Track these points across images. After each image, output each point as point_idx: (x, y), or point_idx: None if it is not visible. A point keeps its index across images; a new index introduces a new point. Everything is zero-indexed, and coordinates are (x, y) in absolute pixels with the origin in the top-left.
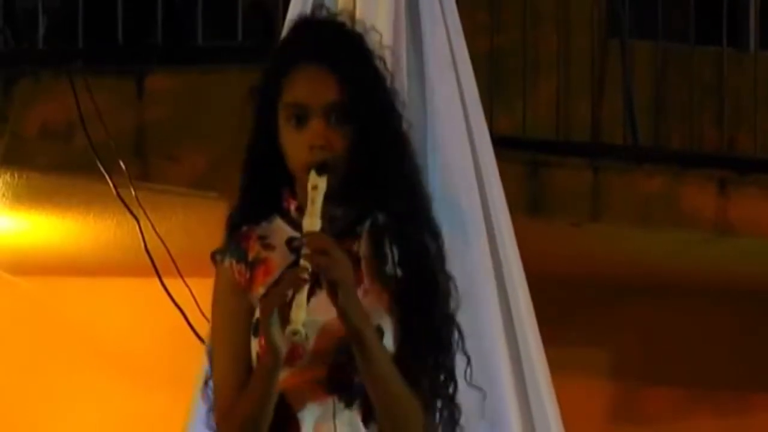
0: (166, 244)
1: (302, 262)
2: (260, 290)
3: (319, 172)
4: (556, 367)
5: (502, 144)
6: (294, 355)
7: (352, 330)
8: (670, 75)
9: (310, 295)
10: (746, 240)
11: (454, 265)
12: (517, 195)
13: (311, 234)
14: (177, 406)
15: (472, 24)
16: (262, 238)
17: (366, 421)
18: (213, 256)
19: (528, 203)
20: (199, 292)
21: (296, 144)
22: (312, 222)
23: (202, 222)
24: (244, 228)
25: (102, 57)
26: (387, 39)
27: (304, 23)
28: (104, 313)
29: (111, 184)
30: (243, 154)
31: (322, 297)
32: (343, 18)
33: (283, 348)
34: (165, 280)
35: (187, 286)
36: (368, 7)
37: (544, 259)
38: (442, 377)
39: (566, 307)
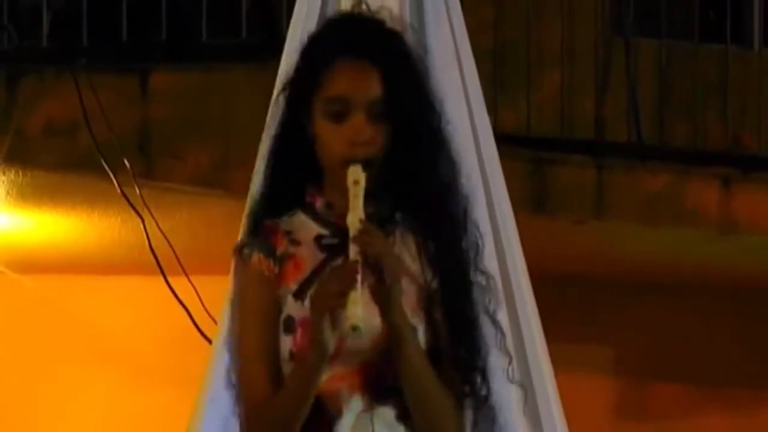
0: (171, 242)
1: (352, 255)
2: (291, 286)
3: (364, 168)
4: (559, 364)
5: (505, 141)
6: (332, 355)
7: (392, 323)
8: (674, 73)
9: None
10: (750, 237)
11: None
12: (521, 192)
13: (362, 226)
14: (181, 404)
15: (476, 20)
16: (288, 233)
17: (401, 420)
18: (239, 250)
19: (531, 201)
20: (203, 291)
21: (335, 139)
22: (355, 217)
23: (206, 220)
24: (268, 222)
25: (106, 55)
26: None
27: (344, 18)
28: (108, 312)
29: (115, 182)
30: (261, 149)
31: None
32: (383, 15)
33: (332, 347)
34: (169, 278)
35: (192, 284)
36: (373, 4)
37: (548, 257)
38: (474, 376)
39: (570, 304)
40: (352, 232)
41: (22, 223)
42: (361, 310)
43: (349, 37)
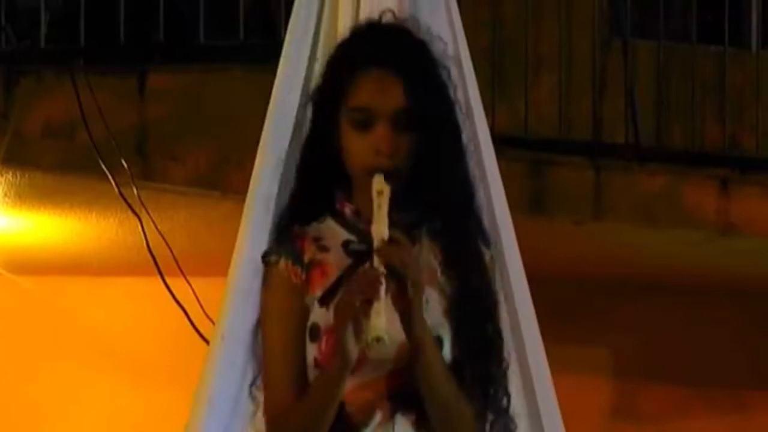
0: (169, 243)
1: (377, 266)
2: (317, 292)
3: (387, 179)
4: (556, 364)
5: (503, 143)
6: (357, 363)
7: (413, 334)
8: (672, 74)
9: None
10: (747, 239)
11: None
12: (519, 194)
13: (389, 236)
14: (178, 404)
15: (473, 21)
16: (316, 239)
17: (419, 427)
18: (265, 256)
19: (530, 202)
20: (201, 291)
21: (361, 148)
22: (380, 228)
23: (204, 221)
24: (296, 228)
25: (104, 56)
26: None
27: (368, 27)
28: (107, 312)
29: (113, 183)
30: (260, 150)
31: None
32: (409, 25)
33: (355, 356)
34: (167, 279)
35: (190, 285)
36: (376, 7)
37: (546, 258)
38: (495, 389)
39: (567, 305)
40: (376, 243)
41: (20, 225)
42: (384, 321)
43: (373, 47)
